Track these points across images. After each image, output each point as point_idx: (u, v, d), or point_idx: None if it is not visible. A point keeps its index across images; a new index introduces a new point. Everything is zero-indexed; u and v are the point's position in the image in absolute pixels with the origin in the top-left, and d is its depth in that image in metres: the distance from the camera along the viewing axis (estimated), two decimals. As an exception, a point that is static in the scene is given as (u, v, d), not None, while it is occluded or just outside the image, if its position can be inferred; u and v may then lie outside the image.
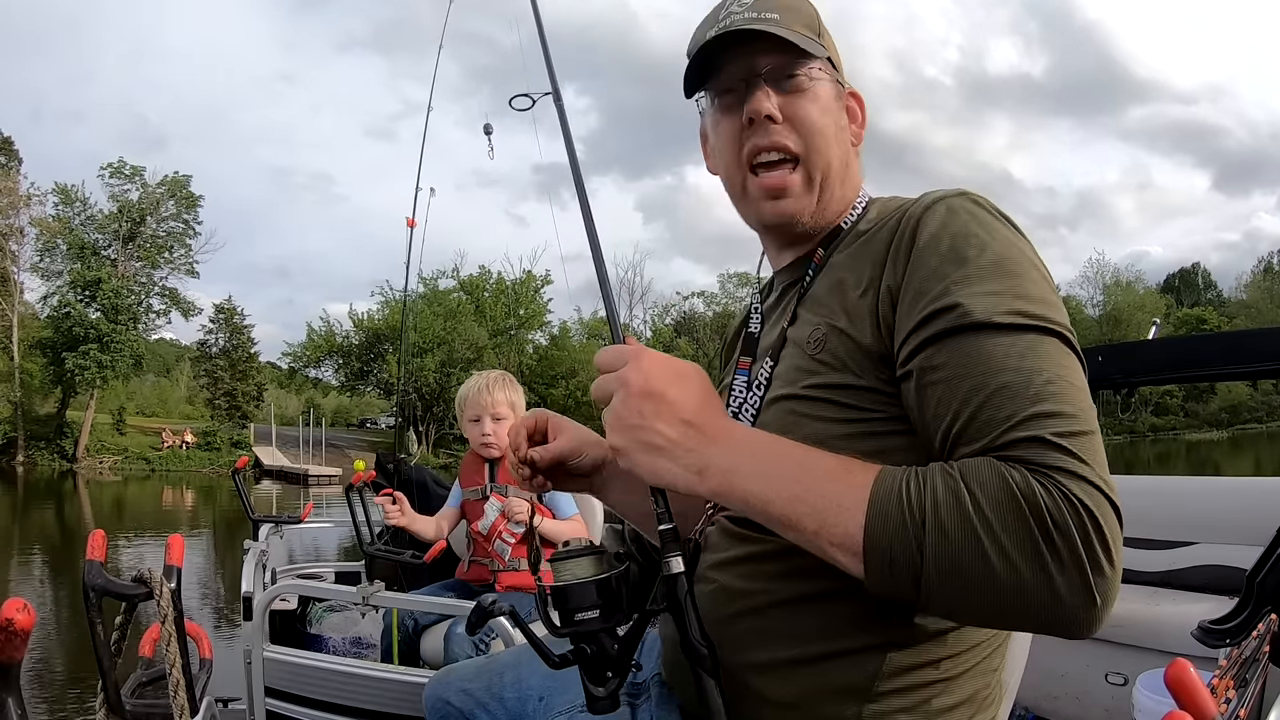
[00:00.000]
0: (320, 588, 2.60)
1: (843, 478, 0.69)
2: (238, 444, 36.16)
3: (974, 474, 0.64)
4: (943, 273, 0.75)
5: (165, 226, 37.94)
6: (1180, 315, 51.25)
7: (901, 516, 0.64)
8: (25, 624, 0.73)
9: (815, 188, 0.92)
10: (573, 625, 0.77)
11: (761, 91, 0.89)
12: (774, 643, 0.81)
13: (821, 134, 0.91)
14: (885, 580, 0.66)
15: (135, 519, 16.59)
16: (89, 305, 34.55)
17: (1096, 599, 0.61)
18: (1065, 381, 0.67)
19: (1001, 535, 0.61)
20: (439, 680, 1.15)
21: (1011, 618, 0.64)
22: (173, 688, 1.02)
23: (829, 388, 0.81)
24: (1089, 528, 0.61)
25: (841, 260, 0.90)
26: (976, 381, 0.68)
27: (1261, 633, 1.23)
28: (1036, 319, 0.70)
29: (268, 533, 3.05)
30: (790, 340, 0.91)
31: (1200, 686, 0.65)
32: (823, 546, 0.68)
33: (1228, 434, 46.43)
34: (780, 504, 0.69)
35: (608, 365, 0.77)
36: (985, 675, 0.82)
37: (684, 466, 0.72)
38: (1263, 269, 60.22)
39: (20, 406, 34.12)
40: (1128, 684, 1.59)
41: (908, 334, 0.75)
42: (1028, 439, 0.64)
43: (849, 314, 0.83)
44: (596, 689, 0.77)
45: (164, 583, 1.04)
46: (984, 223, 0.78)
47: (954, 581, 0.63)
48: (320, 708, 2.10)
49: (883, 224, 0.86)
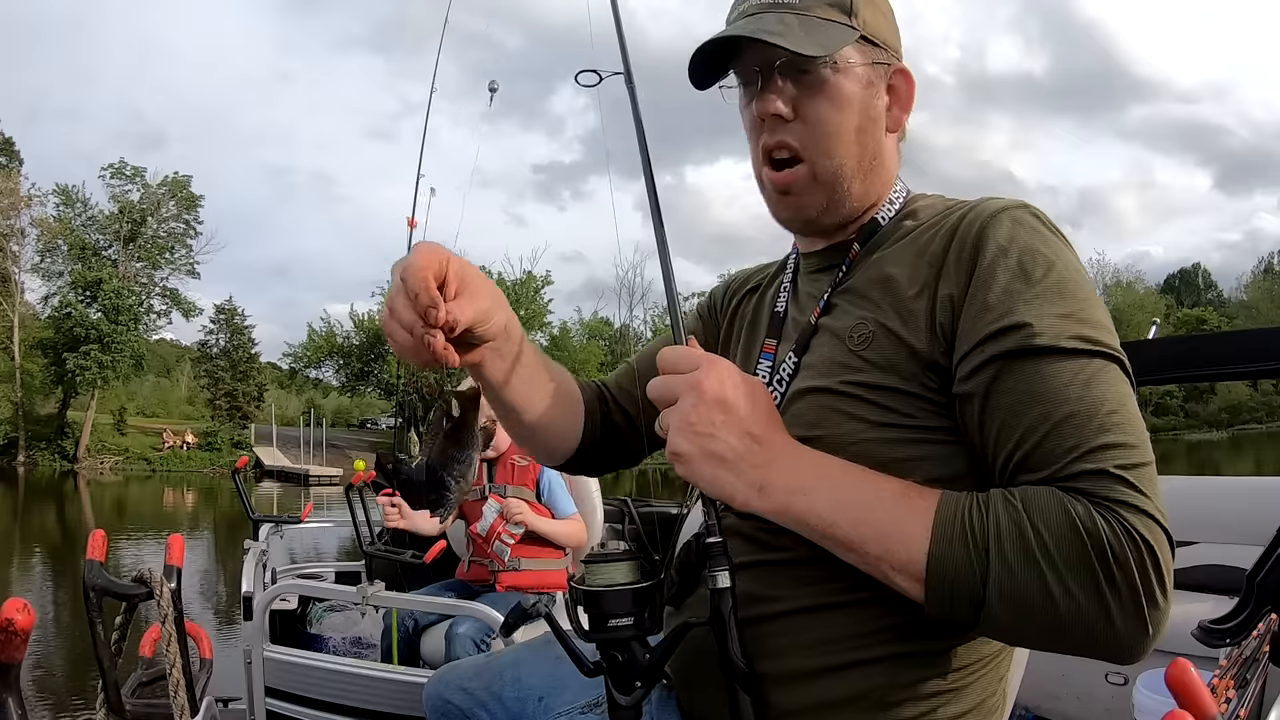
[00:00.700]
0: (320, 588, 2.60)
1: (906, 503, 0.69)
2: (239, 444, 36.17)
3: (1037, 506, 0.65)
4: (1011, 289, 0.74)
5: (166, 227, 38.11)
6: (1180, 315, 51.25)
7: (965, 547, 0.65)
8: (25, 624, 0.73)
9: (822, 188, 0.89)
10: (605, 631, 0.75)
11: (772, 90, 0.86)
12: (782, 653, 0.80)
13: (834, 135, 0.87)
14: (945, 607, 0.66)
15: (136, 519, 16.58)
16: (90, 306, 34.63)
17: (1149, 629, 0.62)
18: (1127, 411, 0.68)
19: (1064, 569, 0.62)
20: (439, 679, 1.14)
21: (1065, 644, 0.65)
22: (173, 688, 1.02)
23: (869, 387, 0.79)
24: (1146, 561, 0.62)
25: (890, 256, 0.86)
26: (1043, 410, 0.68)
27: (1261, 633, 1.23)
28: (1100, 345, 0.71)
29: (268, 533, 3.06)
30: (826, 330, 0.87)
31: (1200, 686, 0.65)
32: (884, 571, 0.68)
33: (1227, 434, 46.39)
34: (844, 527, 0.69)
35: (675, 366, 0.74)
36: (992, 683, 0.82)
37: (746, 482, 0.71)
38: (1263, 269, 60.24)
39: (21, 407, 34.16)
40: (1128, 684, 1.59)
41: (971, 349, 0.74)
42: (1092, 471, 0.65)
43: (901, 314, 0.80)
44: (622, 697, 0.75)
45: (164, 583, 1.04)
46: (1048, 240, 0.77)
47: (1014, 612, 0.64)
48: (320, 708, 2.10)
49: (937, 225, 0.84)
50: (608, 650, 0.76)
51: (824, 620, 0.79)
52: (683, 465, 0.73)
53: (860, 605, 0.77)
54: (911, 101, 0.93)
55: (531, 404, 0.96)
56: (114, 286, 34.39)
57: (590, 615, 0.76)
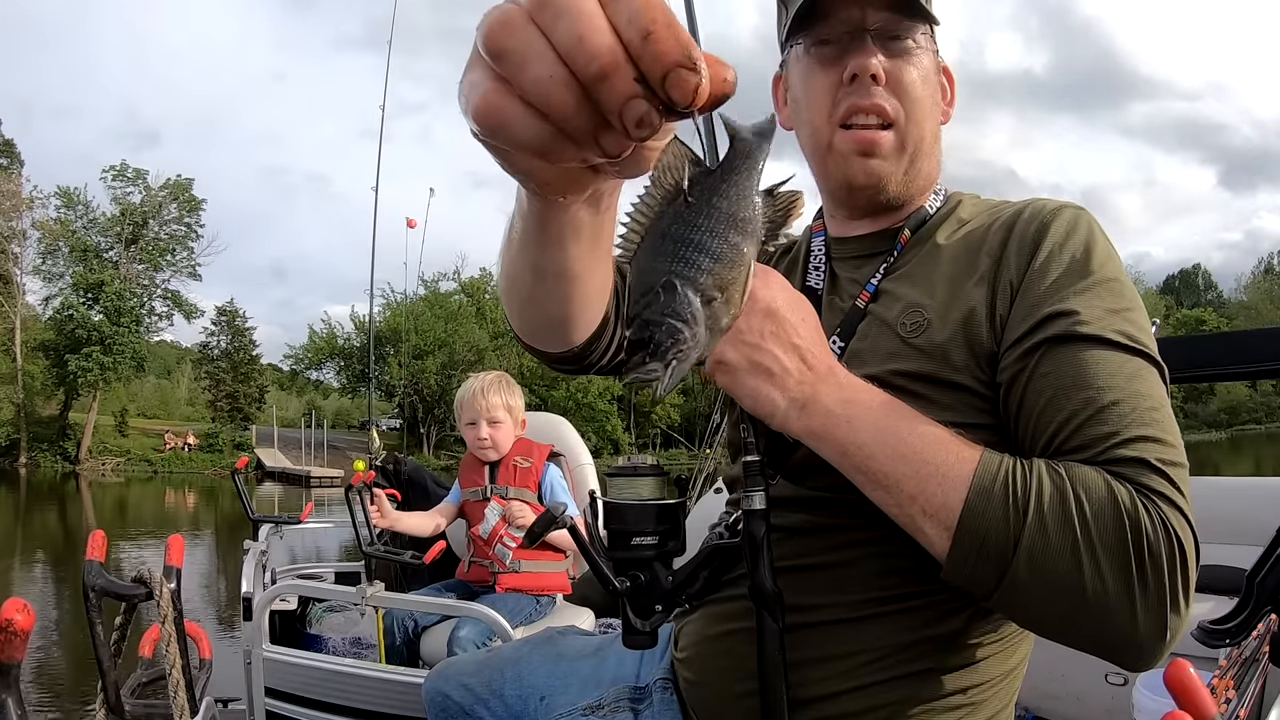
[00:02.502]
0: (320, 588, 2.60)
1: (950, 447, 0.66)
2: (240, 446, 36.16)
3: (1081, 478, 0.63)
4: (1065, 281, 0.74)
5: (167, 229, 38.09)
6: (1179, 316, 51.24)
7: (1005, 501, 0.63)
8: (25, 625, 0.73)
9: (905, 157, 0.87)
10: (627, 549, 0.71)
11: (869, 48, 0.84)
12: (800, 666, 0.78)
13: (920, 103, 0.86)
14: (967, 564, 0.64)
15: (137, 520, 16.57)
16: (92, 308, 34.63)
17: (1167, 634, 0.61)
18: (1168, 413, 0.68)
19: (1098, 545, 0.61)
20: (438, 674, 1.13)
21: (1081, 631, 0.63)
22: (173, 688, 1.02)
23: (916, 377, 0.77)
24: (1178, 561, 0.61)
25: (944, 246, 0.85)
26: (1088, 394, 0.67)
27: (1261, 633, 1.22)
28: (1145, 347, 0.71)
29: (268, 533, 3.06)
30: (875, 317, 0.85)
31: (1200, 686, 0.65)
32: (913, 514, 0.65)
33: (1227, 435, 46.35)
34: (882, 459, 0.66)
35: None
36: (1006, 696, 0.82)
37: (790, 398, 0.68)
38: (1263, 270, 60.19)
39: (23, 408, 34.15)
40: (1128, 684, 1.58)
41: (1022, 334, 0.73)
42: (1135, 459, 0.64)
43: (960, 304, 0.79)
44: (640, 621, 0.71)
45: (164, 583, 1.04)
46: (1100, 241, 0.78)
47: (1039, 580, 0.62)
48: (320, 708, 2.09)
49: (990, 220, 0.84)
50: (628, 569, 0.72)
51: (842, 635, 0.78)
52: (725, 375, 0.69)
53: (880, 619, 0.76)
54: (954, 101, 0.94)
55: (589, 272, 0.63)
56: (116, 289, 34.41)
57: (611, 531, 0.71)
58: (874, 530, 0.73)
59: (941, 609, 0.76)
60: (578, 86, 0.32)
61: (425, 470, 3.33)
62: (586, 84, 0.32)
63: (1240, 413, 50.16)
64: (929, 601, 0.76)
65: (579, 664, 1.05)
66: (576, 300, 0.66)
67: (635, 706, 0.96)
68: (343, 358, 41.07)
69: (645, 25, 0.31)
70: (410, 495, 3.06)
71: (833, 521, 0.79)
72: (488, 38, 0.33)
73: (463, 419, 2.61)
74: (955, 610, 0.76)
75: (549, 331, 0.72)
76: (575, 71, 0.32)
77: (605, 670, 1.03)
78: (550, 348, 0.76)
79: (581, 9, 0.32)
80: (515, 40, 0.32)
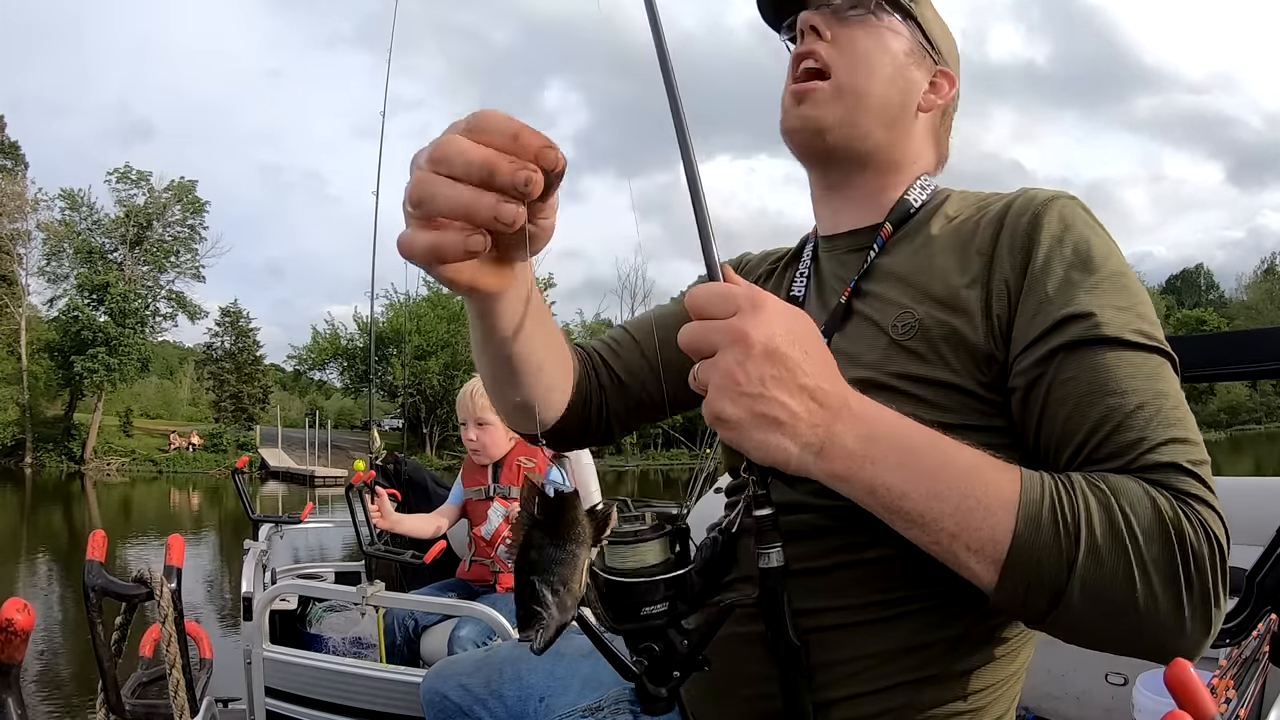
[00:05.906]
0: (320, 588, 2.60)
1: (987, 475, 0.62)
2: (244, 446, 36.24)
3: (1124, 491, 0.61)
4: (1069, 280, 0.72)
5: (172, 231, 38.21)
6: (1180, 316, 51.16)
7: (1055, 529, 0.60)
8: (25, 624, 0.73)
9: (842, 105, 0.87)
10: (637, 621, 0.66)
11: (819, 11, 0.88)
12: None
13: (863, 60, 0.87)
14: (1018, 594, 0.61)
15: (142, 520, 16.62)
16: (97, 309, 34.73)
17: (1211, 631, 0.61)
18: (1186, 410, 0.67)
19: (1150, 564, 0.59)
20: (436, 674, 1.13)
21: (1128, 645, 0.62)
22: (173, 688, 1.02)
23: (914, 380, 0.76)
24: (1217, 561, 0.60)
25: (930, 244, 0.83)
26: (1115, 400, 0.66)
27: (1261, 633, 1.22)
28: (1159, 341, 0.70)
29: (268, 533, 3.06)
30: (862, 316, 0.83)
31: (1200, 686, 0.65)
32: (956, 550, 0.62)
33: (1226, 435, 46.23)
34: (916, 499, 0.61)
35: (709, 310, 0.61)
36: (1007, 701, 0.82)
37: (802, 445, 0.61)
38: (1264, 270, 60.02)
39: (28, 409, 34.25)
40: (1128, 684, 1.58)
41: (1033, 341, 0.71)
42: (1167, 464, 0.63)
43: (952, 305, 0.77)
44: (658, 689, 0.67)
45: (164, 583, 1.04)
46: (1098, 232, 0.76)
47: (1093, 605, 0.60)
48: (320, 708, 2.10)
49: (979, 215, 0.82)
50: (639, 641, 0.67)
51: (845, 640, 0.77)
52: (729, 431, 0.62)
53: (883, 623, 0.75)
54: (949, 101, 0.94)
55: (534, 352, 0.78)
56: (121, 290, 34.52)
57: (617, 604, 0.66)
58: (876, 533, 0.72)
59: (946, 612, 0.75)
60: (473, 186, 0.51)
61: (425, 470, 3.33)
62: (481, 181, 0.51)
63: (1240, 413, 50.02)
64: (933, 605, 0.75)
65: (579, 664, 1.05)
66: (539, 385, 0.83)
67: (635, 708, 0.95)
68: (346, 358, 41.12)
69: (513, 132, 0.51)
70: (410, 495, 3.07)
71: (834, 525, 0.78)
72: (409, 196, 0.53)
73: (460, 421, 2.62)
74: (959, 614, 0.75)
75: (523, 414, 0.86)
76: (470, 180, 0.51)
77: (605, 671, 1.02)
78: (529, 429, 0.92)
79: (459, 146, 0.51)
80: (425, 185, 0.52)
